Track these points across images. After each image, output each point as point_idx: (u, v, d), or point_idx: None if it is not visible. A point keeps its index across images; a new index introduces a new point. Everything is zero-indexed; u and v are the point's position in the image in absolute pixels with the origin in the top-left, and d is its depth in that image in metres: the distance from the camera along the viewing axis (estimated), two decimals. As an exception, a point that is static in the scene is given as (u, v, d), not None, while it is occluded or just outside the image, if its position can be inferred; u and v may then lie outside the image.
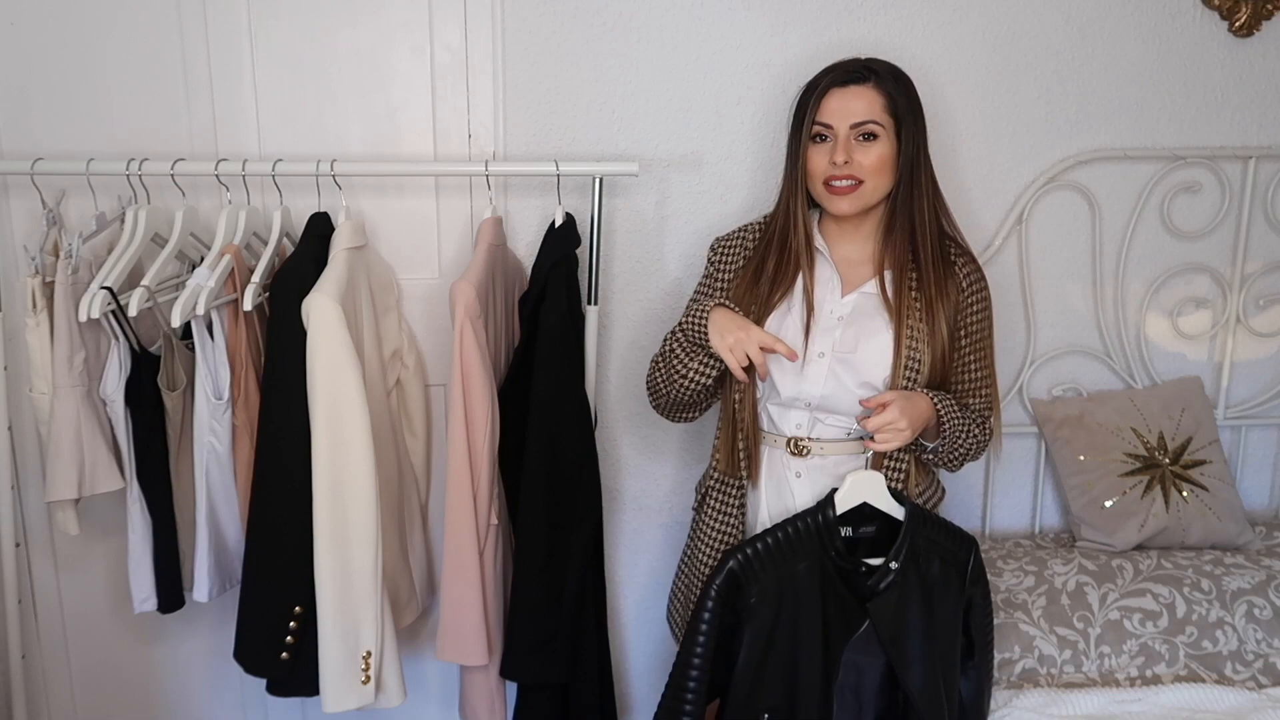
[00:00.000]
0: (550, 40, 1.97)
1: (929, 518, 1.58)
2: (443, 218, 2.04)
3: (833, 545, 1.53)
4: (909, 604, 1.53)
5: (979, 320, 1.68)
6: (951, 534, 1.59)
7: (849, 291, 1.67)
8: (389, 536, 1.80)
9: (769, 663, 1.53)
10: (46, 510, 2.01)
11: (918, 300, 1.62)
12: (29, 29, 1.90)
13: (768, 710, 1.54)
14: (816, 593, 1.53)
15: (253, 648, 1.78)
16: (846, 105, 1.60)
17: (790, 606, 1.53)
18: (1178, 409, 2.13)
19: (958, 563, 1.57)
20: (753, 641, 1.53)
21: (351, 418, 1.63)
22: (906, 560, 1.52)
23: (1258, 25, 2.06)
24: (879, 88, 1.61)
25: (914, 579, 1.53)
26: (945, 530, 1.59)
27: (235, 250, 1.78)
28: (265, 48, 1.93)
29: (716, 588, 1.51)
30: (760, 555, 1.53)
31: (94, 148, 1.90)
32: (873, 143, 1.60)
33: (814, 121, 1.62)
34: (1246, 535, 2.09)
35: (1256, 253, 2.18)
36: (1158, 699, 1.75)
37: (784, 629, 1.53)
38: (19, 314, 1.86)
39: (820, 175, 1.62)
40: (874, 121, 1.60)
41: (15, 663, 2.05)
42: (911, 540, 1.53)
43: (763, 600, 1.52)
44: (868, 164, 1.60)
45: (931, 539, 1.56)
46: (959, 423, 1.61)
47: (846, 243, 1.69)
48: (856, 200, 1.62)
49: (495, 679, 1.87)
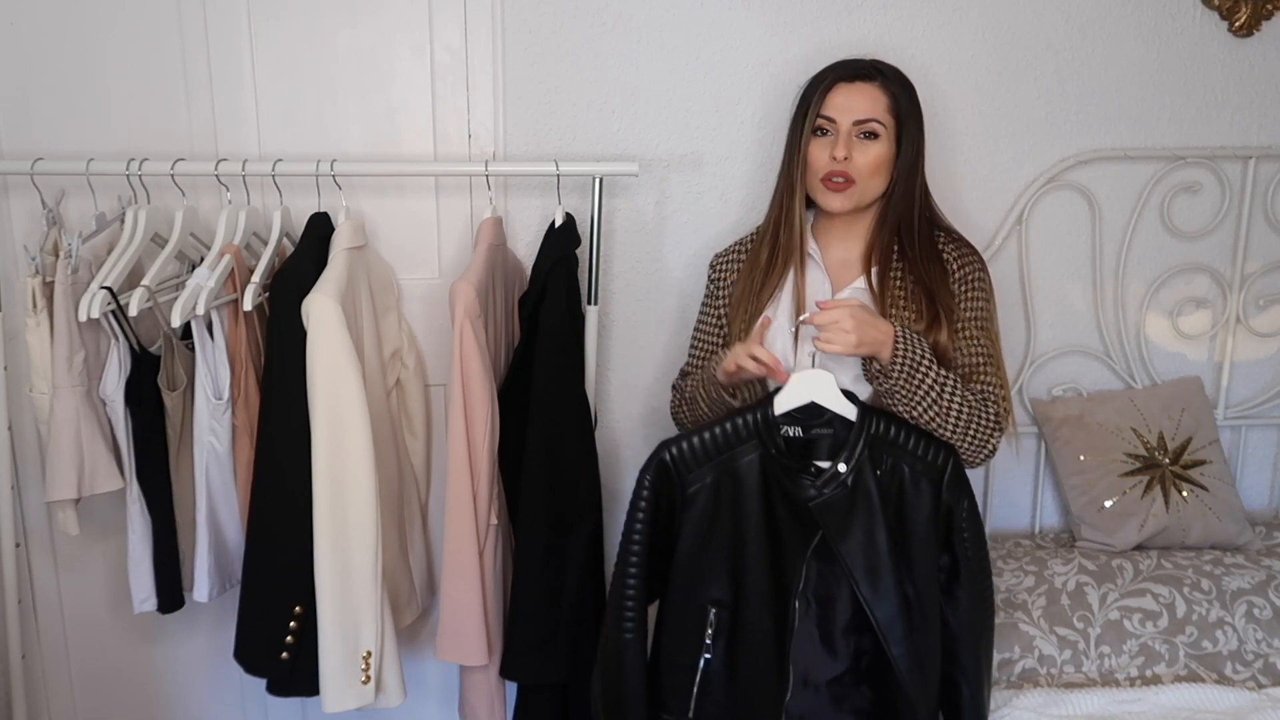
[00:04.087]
0: (550, 40, 1.97)
1: (894, 420, 1.50)
2: (443, 218, 2.04)
3: (773, 443, 1.49)
4: (866, 512, 1.47)
5: (973, 299, 1.64)
6: (924, 439, 1.51)
7: (839, 291, 1.67)
8: (389, 536, 1.80)
9: (710, 554, 1.51)
10: (46, 510, 2.01)
11: (901, 289, 1.61)
12: (29, 29, 1.90)
13: (712, 603, 1.51)
14: (758, 490, 1.50)
15: (253, 648, 1.78)
16: (851, 101, 1.60)
17: (730, 500, 1.50)
18: (1178, 409, 2.13)
19: (931, 470, 1.50)
20: (691, 532, 1.51)
21: (351, 418, 1.63)
22: (862, 464, 1.46)
23: (1258, 25, 2.06)
24: (885, 88, 1.61)
25: (871, 484, 1.47)
26: (916, 435, 1.51)
27: (235, 250, 1.78)
28: (265, 48, 1.93)
29: (649, 480, 1.50)
30: (695, 449, 1.51)
31: (94, 148, 1.90)
32: (873, 142, 1.61)
33: (817, 114, 1.62)
34: (1246, 535, 2.09)
35: (1256, 253, 2.18)
36: (1158, 699, 1.75)
37: (724, 522, 1.51)
38: (19, 314, 1.86)
39: (819, 169, 1.62)
40: (877, 120, 1.60)
41: (15, 663, 2.05)
42: (869, 443, 1.47)
43: (700, 491, 1.50)
44: (864, 164, 1.60)
45: (898, 444, 1.50)
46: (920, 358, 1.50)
47: (837, 242, 1.69)
48: (849, 199, 1.62)
49: (495, 679, 1.87)
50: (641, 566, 1.52)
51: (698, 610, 1.52)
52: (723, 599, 1.51)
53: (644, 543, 1.52)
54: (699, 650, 1.52)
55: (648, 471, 1.52)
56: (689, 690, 1.52)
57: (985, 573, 1.57)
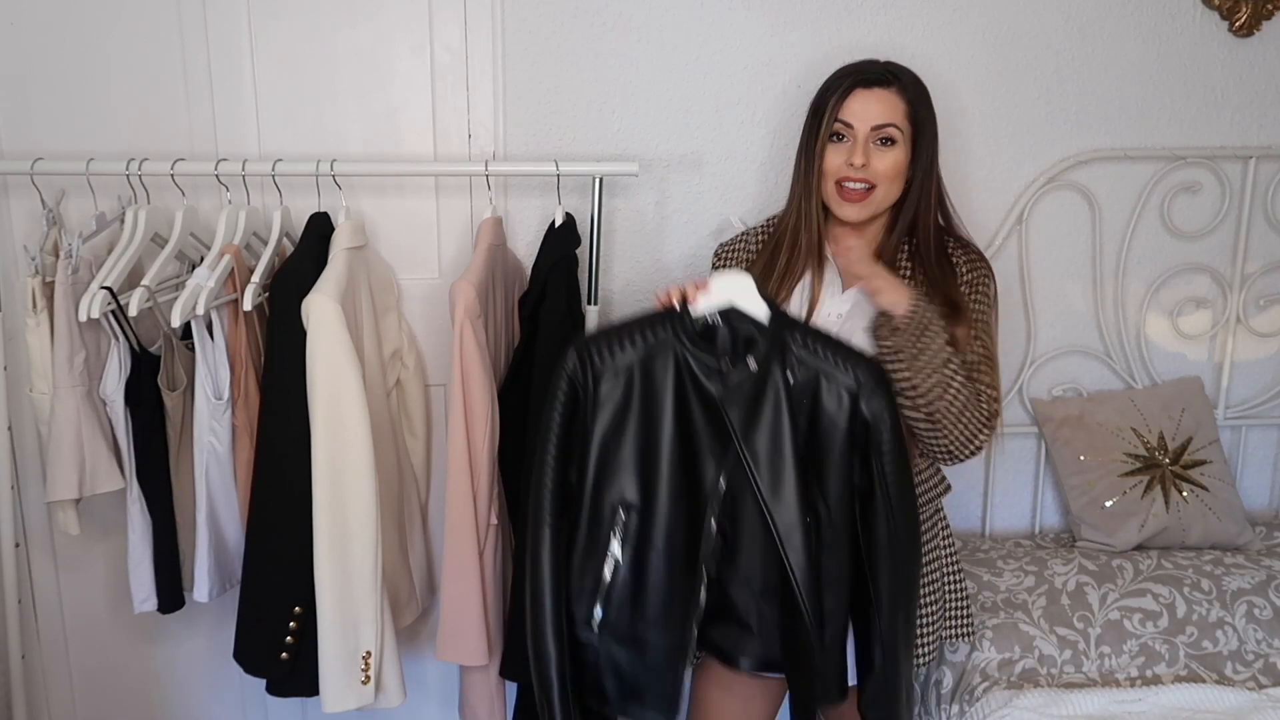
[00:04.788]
0: (550, 40, 1.97)
1: (813, 331, 1.51)
2: (443, 218, 2.04)
3: (688, 338, 1.49)
4: (773, 412, 1.47)
5: (977, 302, 1.64)
6: (842, 351, 1.50)
7: (847, 289, 1.66)
8: (389, 536, 1.80)
9: (619, 452, 1.50)
10: (46, 510, 2.01)
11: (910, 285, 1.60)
12: (29, 29, 1.90)
13: (621, 505, 1.50)
14: (672, 390, 1.50)
15: (253, 648, 1.78)
16: (869, 106, 1.59)
17: (642, 398, 1.50)
18: (1178, 409, 2.13)
19: (849, 380, 1.49)
20: (602, 429, 1.50)
21: (351, 418, 1.63)
22: (772, 365, 1.47)
23: (1258, 25, 2.06)
24: (902, 94, 1.60)
25: (781, 386, 1.47)
26: (835, 346, 1.50)
27: (235, 250, 1.78)
28: (265, 48, 1.93)
29: (565, 372, 1.50)
30: (613, 344, 1.51)
31: (94, 148, 1.90)
32: (890, 148, 1.59)
33: (834, 119, 1.60)
34: (1246, 535, 2.09)
35: (1256, 253, 2.18)
36: (1158, 699, 1.75)
37: (636, 421, 1.51)
38: (19, 314, 1.86)
39: (835, 175, 1.61)
40: (894, 126, 1.58)
41: (15, 663, 2.05)
42: (781, 347, 1.48)
43: (613, 389, 1.50)
44: (883, 169, 1.59)
45: (818, 350, 1.50)
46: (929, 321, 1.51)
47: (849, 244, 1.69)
48: (866, 208, 1.61)
49: (495, 679, 1.87)
50: (559, 460, 1.51)
51: (609, 509, 1.50)
52: (632, 501, 1.50)
53: (560, 435, 1.51)
54: (606, 553, 1.51)
55: (564, 364, 1.51)
56: (594, 596, 1.51)
57: (907, 497, 1.53)
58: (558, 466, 1.50)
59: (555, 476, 1.50)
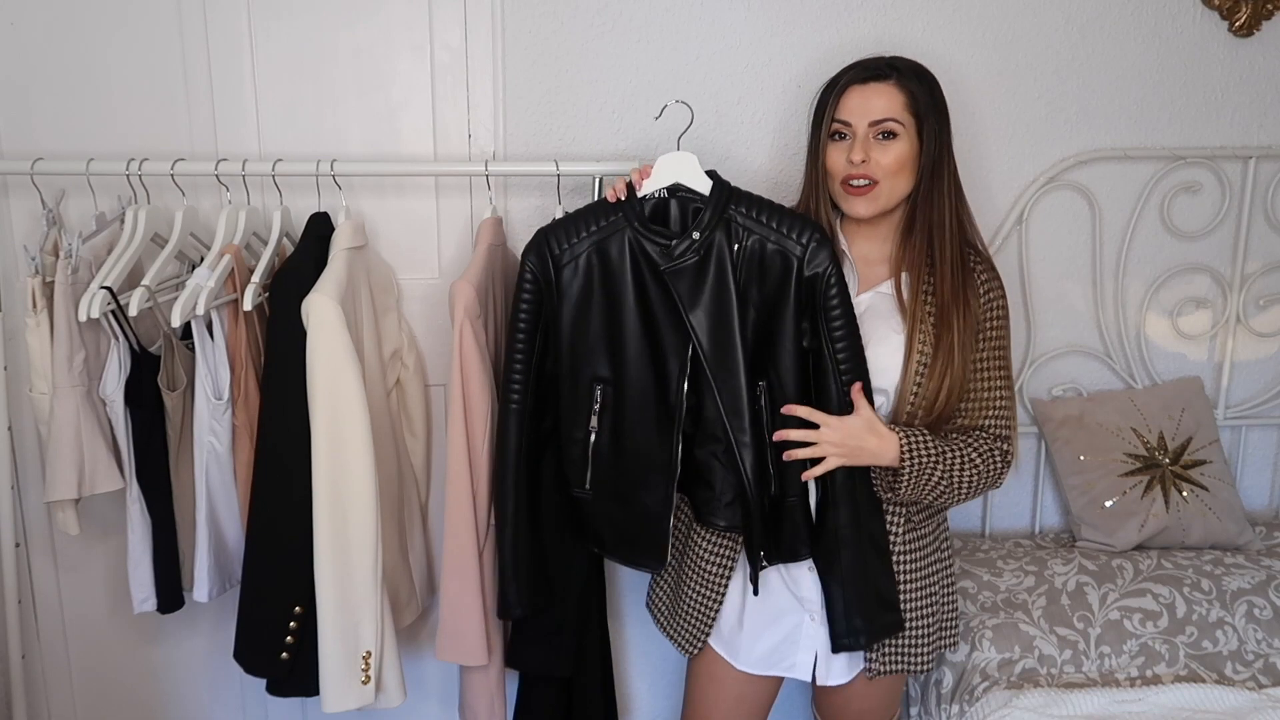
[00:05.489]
0: (550, 40, 1.97)
1: (757, 201, 1.59)
2: (443, 218, 2.04)
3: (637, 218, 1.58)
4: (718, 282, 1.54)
5: (995, 332, 1.62)
6: (789, 216, 1.58)
7: (864, 290, 1.65)
8: (389, 536, 1.80)
9: (588, 334, 1.61)
10: (46, 510, 2.01)
11: (932, 306, 1.58)
12: (29, 29, 1.90)
13: (596, 380, 1.62)
14: (628, 268, 1.59)
15: (253, 648, 1.78)
16: (866, 103, 1.58)
17: (602, 279, 1.60)
18: (1178, 409, 2.13)
19: (793, 241, 1.56)
20: (569, 311, 1.61)
21: (351, 418, 1.63)
22: (715, 235, 1.54)
23: (1258, 25, 2.06)
24: (900, 85, 1.58)
25: (726, 257, 1.55)
26: (781, 213, 1.58)
27: (235, 250, 1.78)
28: (265, 48, 1.93)
29: (530, 262, 1.60)
30: (570, 231, 1.61)
31: (94, 148, 1.90)
32: (892, 141, 1.58)
33: (833, 119, 1.60)
34: (1246, 535, 2.09)
35: (1256, 253, 2.18)
36: (1158, 699, 1.75)
37: (599, 301, 1.61)
38: (19, 314, 1.86)
39: (838, 174, 1.60)
40: (893, 119, 1.57)
41: (15, 663, 2.05)
42: (724, 217, 1.56)
43: (576, 273, 1.60)
44: (885, 164, 1.57)
45: (762, 219, 1.56)
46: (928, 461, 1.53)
47: (864, 241, 1.67)
48: (872, 202, 1.59)
49: (495, 679, 1.87)
50: (528, 344, 1.63)
51: (586, 387, 1.62)
52: (605, 376, 1.62)
53: (530, 321, 1.62)
54: (588, 425, 1.63)
55: (529, 254, 1.61)
56: (583, 462, 1.64)
57: (855, 355, 1.57)
58: (525, 357, 1.62)
59: (524, 365, 1.61)
